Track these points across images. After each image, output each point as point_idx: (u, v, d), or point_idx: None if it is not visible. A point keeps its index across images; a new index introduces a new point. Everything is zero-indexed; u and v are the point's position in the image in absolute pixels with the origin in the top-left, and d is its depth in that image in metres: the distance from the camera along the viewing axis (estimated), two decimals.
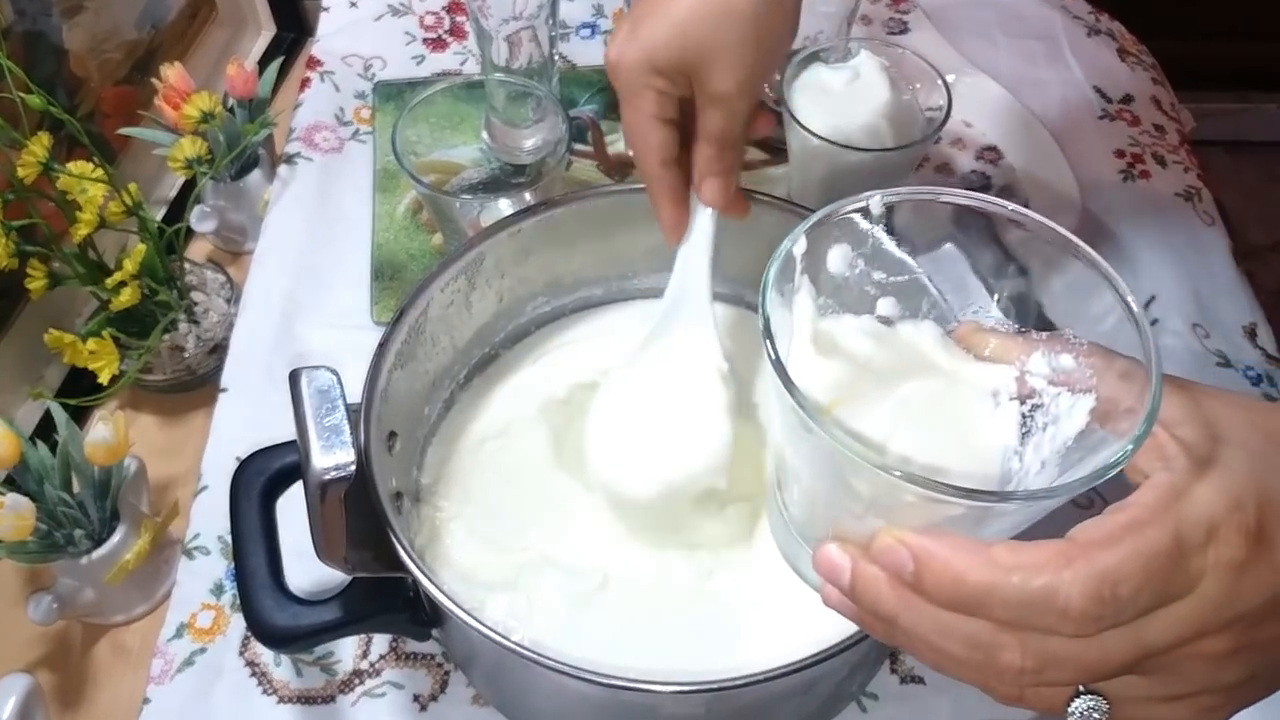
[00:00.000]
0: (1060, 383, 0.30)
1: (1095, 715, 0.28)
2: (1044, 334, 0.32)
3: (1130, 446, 0.26)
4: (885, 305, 0.34)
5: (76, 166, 0.59)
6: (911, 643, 0.29)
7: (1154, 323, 0.66)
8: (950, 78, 0.59)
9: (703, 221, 0.47)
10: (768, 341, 0.28)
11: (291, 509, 0.43)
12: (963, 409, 0.31)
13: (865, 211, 0.32)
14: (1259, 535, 0.27)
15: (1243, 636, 0.27)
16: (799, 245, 0.31)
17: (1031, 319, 0.33)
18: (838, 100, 0.59)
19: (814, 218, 0.31)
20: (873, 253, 0.33)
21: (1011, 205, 0.31)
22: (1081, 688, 0.28)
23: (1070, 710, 0.28)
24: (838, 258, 0.33)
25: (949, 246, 0.35)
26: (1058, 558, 0.26)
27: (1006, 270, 0.33)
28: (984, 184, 0.73)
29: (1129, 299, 0.29)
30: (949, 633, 0.27)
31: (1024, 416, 0.31)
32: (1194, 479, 0.27)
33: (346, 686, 0.53)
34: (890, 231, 0.33)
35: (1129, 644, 0.27)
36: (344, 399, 0.41)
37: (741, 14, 0.42)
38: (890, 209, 0.32)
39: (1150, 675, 0.28)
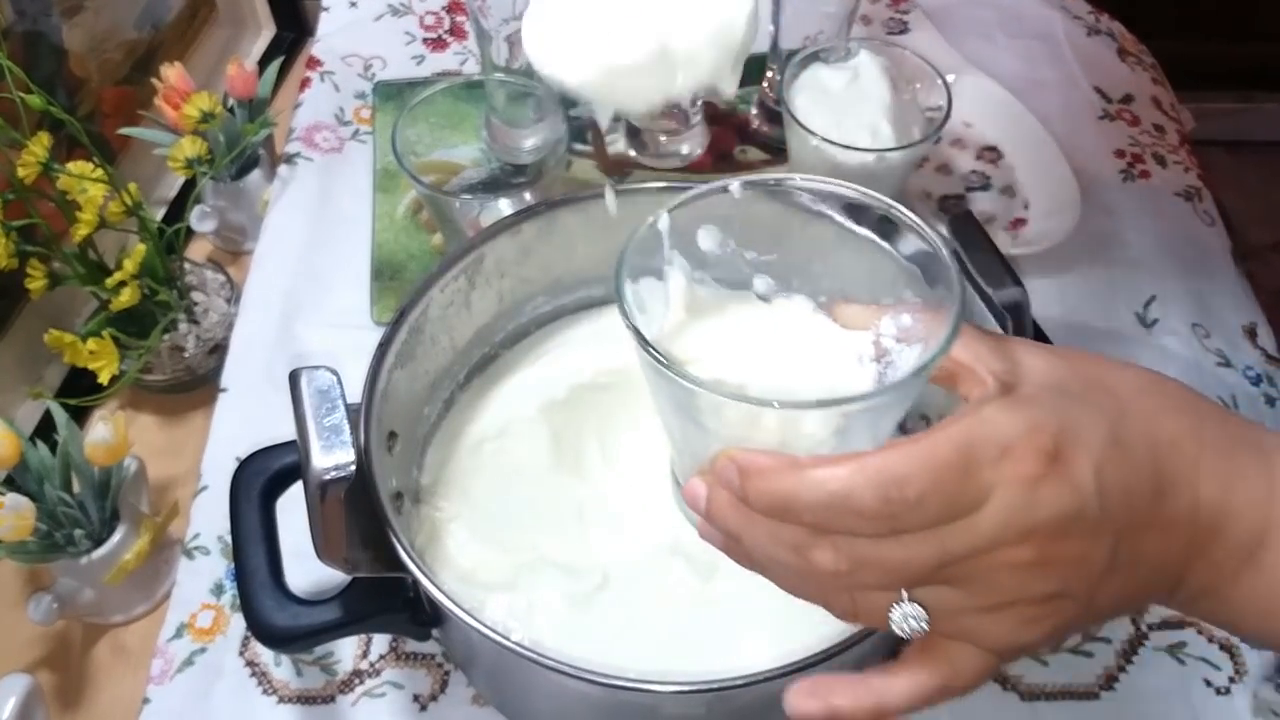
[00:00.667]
0: (903, 339, 0.34)
1: (914, 622, 0.30)
2: (892, 301, 0.34)
3: (934, 354, 0.29)
4: (760, 283, 0.37)
5: (76, 166, 0.60)
6: (757, 560, 0.31)
7: (1154, 323, 0.66)
8: (950, 78, 0.59)
9: None
10: (620, 284, 0.32)
11: (291, 509, 0.43)
12: (829, 371, 0.34)
13: (728, 193, 0.34)
14: (1054, 455, 0.28)
15: (1045, 549, 0.28)
16: (662, 221, 0.34)
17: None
18: (838, 100, 0.59)
19: (678, 198, 0.34)
20: (742, 233, 0.36)
21: (853, 187, 0.34)
22: (904, 594, 0.30)
23: (891, 618, 0.30)
24: (707, 237, 0.36)
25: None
26: (853, 462, 0.28)
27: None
28: (984, 184, 0.73)
29: (930, 238, 0.32)
30: (777, 540, 0.30)
31: (880, 375, 0.34)
32: (997, 407, 0.29)
33: (346, 686, 0.53)
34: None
35: (930, 547, 0.28)
36: (344, 399, 0.41)
37: None
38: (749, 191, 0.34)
39: (961, 586, 0.29)
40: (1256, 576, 0.31)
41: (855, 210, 0.34)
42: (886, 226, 0.33)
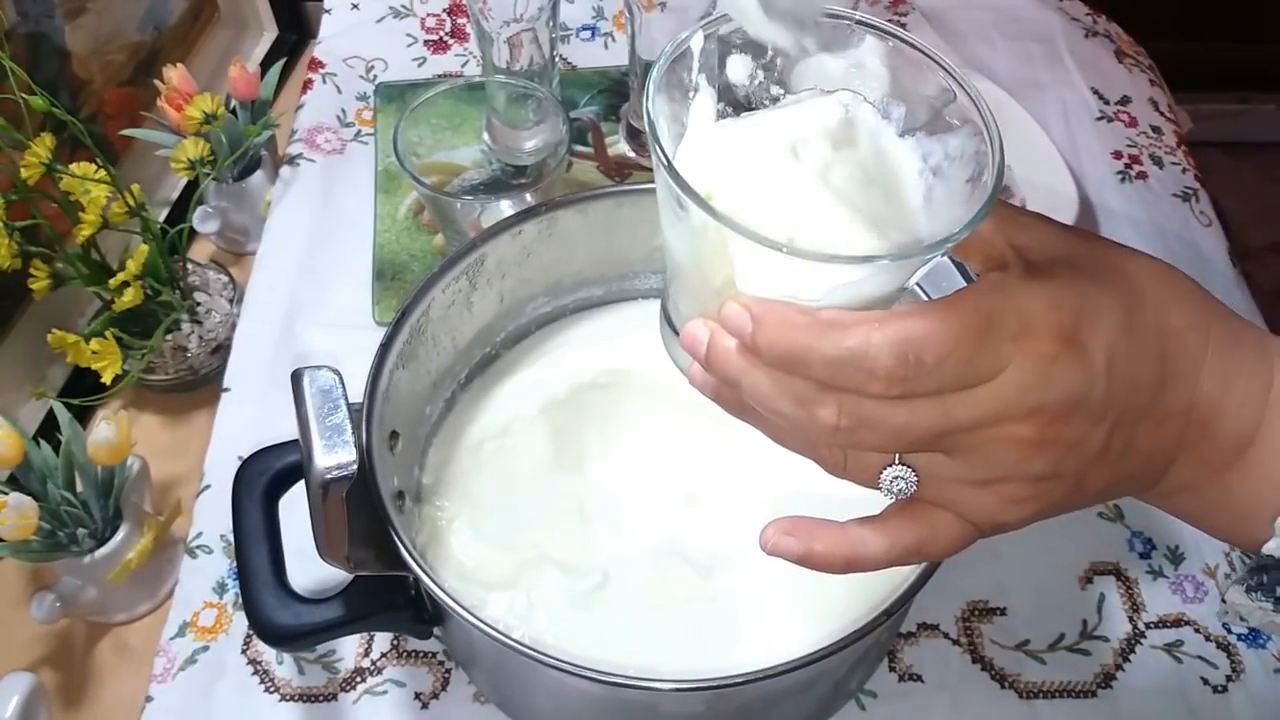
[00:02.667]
0: (951, 158, 0.32)
1: (903, 484, 0.30)
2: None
3: (962, 226, 0.28)
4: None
5: (79, 168, 0.60)
6: (753, 407, 0.31)
7: None
8: None
9: None
10: (648, 110, 0.29)
11: (294, 508, 0.44)
12: (893, 177, 0.32)
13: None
14: (1072, 335, 0.28)
15: (1047, 428, 0.28)
16: (696, 40, 0.31)
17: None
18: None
19: (715, 20, 0.32)
20: (773, 65, 0.33)
21: (915, 41, 0.32)
22: (896, 458, 0.30)
23: (880, 478, 0.30)
24: (738, 66, 0.33)
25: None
26: (872, 320, 0.27)
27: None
28: None
29: (986, 116, 0.31)
30: (780, 391, 0.29)
31: (928, 190, 0.32)
32: (1019, 279, 0.29)
33: (348, 684, 0.53)
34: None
35: (936, 414, 0.28)
36: (346, 399, 0.41)
37: None
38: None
39: (957, 456, 0.29)
40: (1239, 476, 0.32)
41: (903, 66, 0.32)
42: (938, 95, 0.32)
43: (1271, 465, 0.31)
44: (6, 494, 0.51)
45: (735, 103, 0.34)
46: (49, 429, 0.62)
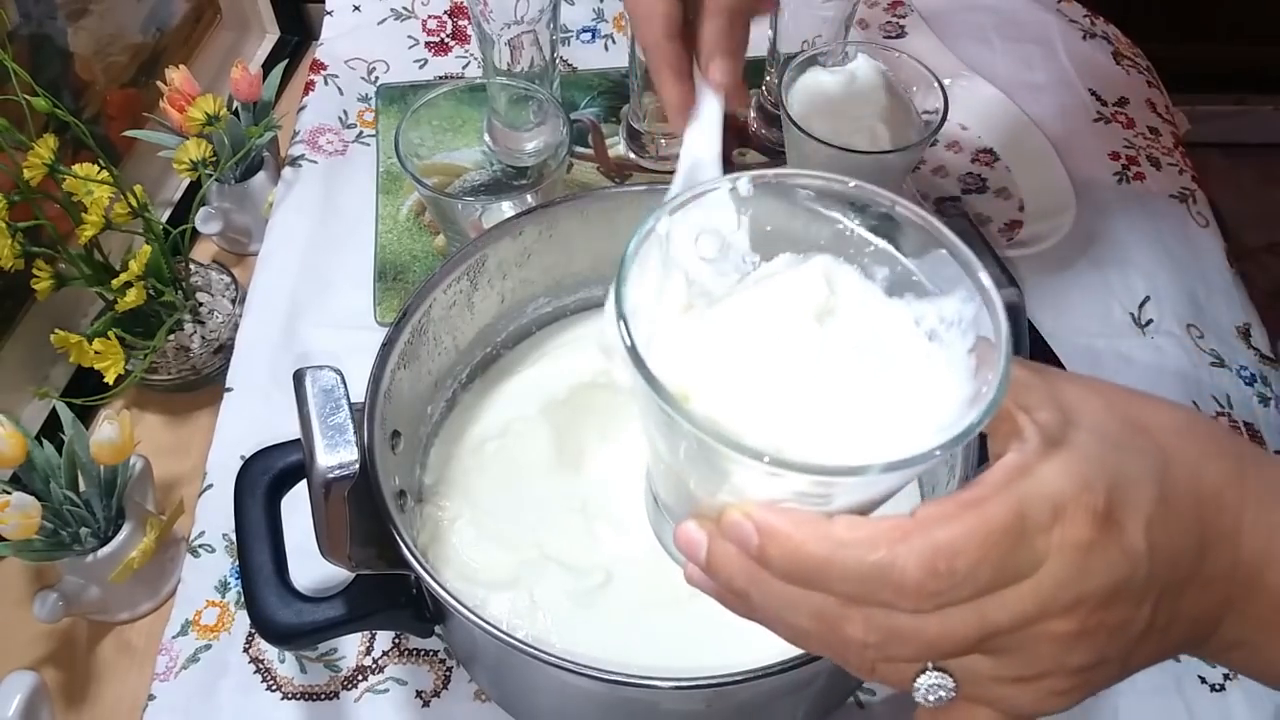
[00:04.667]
0: (947, 322, 0.29)
1: (941, 692, 0.28)
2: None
3: (978, 416, 0.25)
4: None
5: (82, 168, 0.60)
6: (767, 618, 0.29)
7: (1149, 323, 0.67)
8: (946, 81, 0.60)
9: (709, 108, 0.42)
10: (622, 324, 0.27)
11: (296, 507, 0.44)
12: (886, 346, 0.29)
13: (734, 191, 0.30)
14: (1107, 517, 0.26)
15: (1089, 619, 0.27)
16: (662, 223, 0.29)
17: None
18: (835, 104, 0.59)
19: (681, 196, 0.30)
20: (744, 237, 0.31)
21: (881, 192, 0.30)
22: (929, 664, 0.28)
23: (916, 686, 0.28)
24: (708, 242, 0.31)
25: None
26: (894, 531, 0.26)
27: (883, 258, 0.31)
28: (979, 186, 0.74)
29: (982, 279, 0.28)
30: (796, 607, 0.27)
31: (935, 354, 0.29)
32: (1043, 459, 0.27)
33: (350, 683, 0.53)
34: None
35: (971, 621, 0.26)
36: (348, 399, 0.41)
37: None
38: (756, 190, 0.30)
39: (996, 656, 0.27)
40: None
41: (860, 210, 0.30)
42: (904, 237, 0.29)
43: None
44: (9, 493, 0.51)
45: (707, 278, 0.31)
46: (52, 429, 0.63)
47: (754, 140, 0.76)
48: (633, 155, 0.75)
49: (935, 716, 0.29)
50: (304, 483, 0.41)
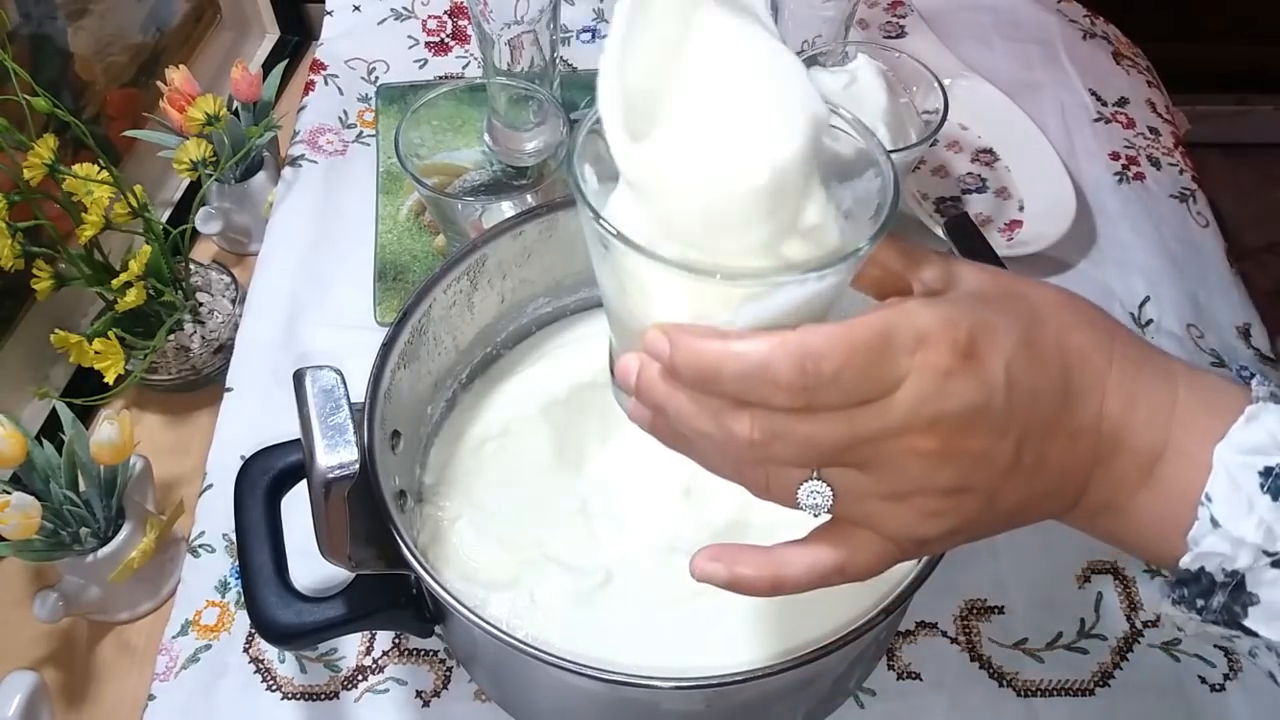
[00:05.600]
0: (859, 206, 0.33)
1: (819, 498, 0.31)
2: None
3: (866, 244, 0.29)
4: None
5: (82, 168, 0.60)
6: (681, 432, 0.32)
7: (1149, 323, 0.67)
8: (946, 81, 0.60)
9: None
10: (572, 160, 0.31)
11: (296, 507, 0.44)
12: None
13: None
14: (968, 349, 0.29)
15: (951, 441, 0.29)
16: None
17: None
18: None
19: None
20: None
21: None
22: (812, 474, 0.31)
23: (798, 496, 0.31)
24: None
25: None
26: (775, 338, 0.29)
27: None
28: (980, 186, 0.74)
29: (880, 160, 0.32)
30: (700, 410, 0.31)
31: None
32: (918, 303, 0.30)
33: (350, 683, 0.54)
34: None
35: (840, 426, 0.29)
36: (348, 399, 0.41)
37: None
38: None
39: (868, 471, 0.30)
40: (1153, 492, 0.32)
41: None
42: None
43: (1179, 481, 0.32)
44: (9, 493, 0.51)
45: None
46: (52, 429, 0.63)
47: None
48: None
49: (823, 536, 0.32)
50: (304, 483, 0.41)
